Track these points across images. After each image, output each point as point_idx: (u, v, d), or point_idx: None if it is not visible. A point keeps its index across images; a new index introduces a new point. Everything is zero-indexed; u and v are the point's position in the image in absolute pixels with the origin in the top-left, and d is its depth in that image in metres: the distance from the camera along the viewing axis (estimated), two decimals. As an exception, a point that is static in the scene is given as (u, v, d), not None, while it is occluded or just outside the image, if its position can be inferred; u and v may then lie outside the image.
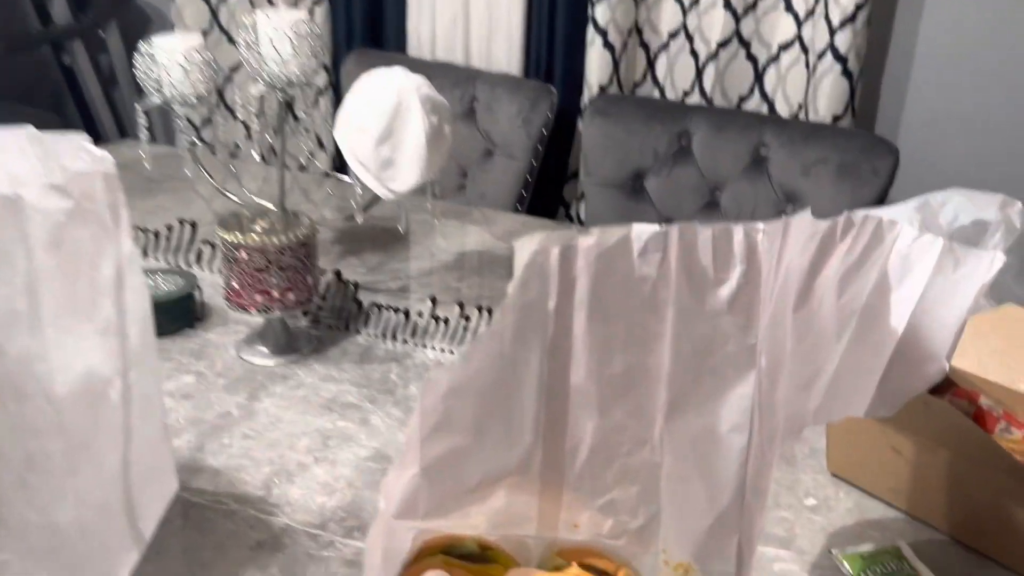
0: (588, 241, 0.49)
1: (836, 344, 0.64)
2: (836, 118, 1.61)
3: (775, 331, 0.55)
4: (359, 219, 0.96)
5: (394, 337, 1.00)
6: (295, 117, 1.09)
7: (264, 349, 0.95)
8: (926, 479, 0.73)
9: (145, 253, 1.18)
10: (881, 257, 0.63)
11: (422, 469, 0.52)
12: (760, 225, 0.51)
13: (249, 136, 1.05)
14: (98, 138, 2.49)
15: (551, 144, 1.75)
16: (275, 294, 0.90)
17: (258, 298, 0.90)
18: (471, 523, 0.56)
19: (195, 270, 1.15)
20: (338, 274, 1.00)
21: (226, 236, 0.89)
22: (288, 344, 0.96)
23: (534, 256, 0.49)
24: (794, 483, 0.79)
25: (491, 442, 0.52)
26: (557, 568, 0.55)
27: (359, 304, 1.01)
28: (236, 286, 0.90)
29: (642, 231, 0.50)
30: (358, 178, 0.94)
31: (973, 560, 0.71)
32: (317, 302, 1.01)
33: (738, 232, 0.50)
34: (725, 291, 0.51)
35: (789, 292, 0.57)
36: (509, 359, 0.51)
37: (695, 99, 1.75)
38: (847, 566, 0.69)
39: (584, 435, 0.53)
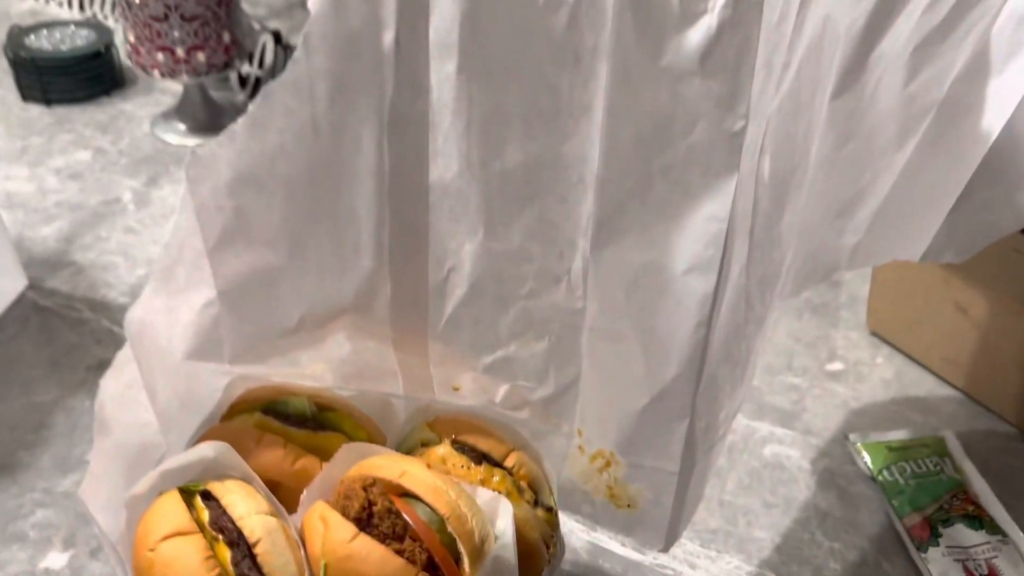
0: (454, -73, 0.28)
1: (896, 153, 0.43)
2: None
3: (792, 121, 0.35)
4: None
5: (345, 121, 0.80)
6: None
7: (181, 125, 0.78)
8: (998, 351, 0.53)
9: (81, 6, 0.99)
10: (982, 19, 0.40)
11: (220, 294, 0.35)
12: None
13: None
14: None
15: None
16: (179, 53, 0.71)
17: (159, 56, 0.71)
18: (310, 372, 0.39)
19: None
20: (277, 36, 0.79)
21: (117, -28, 0.69)
22: (210, 121, 0.78)
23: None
24: (818, 340, 0.60)
25: (313, 261, 0.35)
26: (424, 444, 0.39)
27: (304, 76, 0.81)
28: (133, 39, 0.71)
29: (554, -86, 0.28)
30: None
31: (1045, 463, 0.52)
32: (252, 71, 0.81)
33: (729, -72, 0.28)
34: (696, 36, 0.30)
35: (826, 65, 0.35)
36: (326, 133, 0.31)
37: None
38: (866, 458, 0.51)
39: (459, 262, 0.35)
